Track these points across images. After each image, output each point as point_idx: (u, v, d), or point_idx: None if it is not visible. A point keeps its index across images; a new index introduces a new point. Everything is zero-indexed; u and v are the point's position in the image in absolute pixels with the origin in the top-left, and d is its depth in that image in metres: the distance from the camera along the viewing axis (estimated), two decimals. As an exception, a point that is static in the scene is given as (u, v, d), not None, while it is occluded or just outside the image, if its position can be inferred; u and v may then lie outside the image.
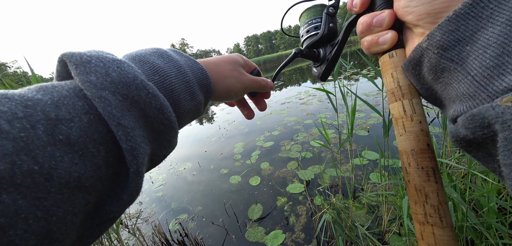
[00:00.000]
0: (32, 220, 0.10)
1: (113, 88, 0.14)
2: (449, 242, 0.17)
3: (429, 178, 0.18)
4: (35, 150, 0.10)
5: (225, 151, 2.53)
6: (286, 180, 1.68)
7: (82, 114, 0.13)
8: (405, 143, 0.19)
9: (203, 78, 0.21)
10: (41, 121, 0.11)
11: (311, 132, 2.43)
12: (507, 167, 0.12)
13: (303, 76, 8.59)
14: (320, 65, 0.30)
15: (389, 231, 1.02)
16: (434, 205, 0.17)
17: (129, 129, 0.14)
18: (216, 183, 1.90)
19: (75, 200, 0.11)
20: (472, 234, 0.67)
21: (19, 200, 0.09)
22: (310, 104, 3.58)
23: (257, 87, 0.28)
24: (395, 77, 0.20)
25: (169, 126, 0.17)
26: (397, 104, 0.20)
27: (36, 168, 0.10)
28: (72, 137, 0.12)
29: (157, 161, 0.18)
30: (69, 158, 0.11)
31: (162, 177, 2.31)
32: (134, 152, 0.14)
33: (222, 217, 1.45)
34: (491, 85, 0.13)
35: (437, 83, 0.17)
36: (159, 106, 0.16)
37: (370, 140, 1.94)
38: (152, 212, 1.74)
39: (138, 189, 0.15)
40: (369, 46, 0.21)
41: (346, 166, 1.65)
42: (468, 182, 0.63)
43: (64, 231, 0.11)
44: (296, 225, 1.24)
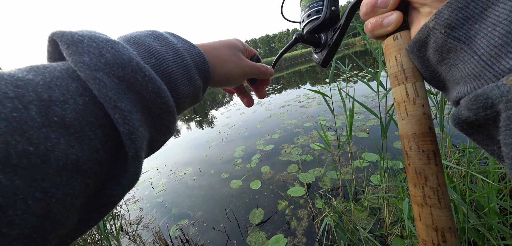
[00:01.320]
0: (31, 201, 0.09)
1: (107, 70, 0.13)
2: (446, 221, 0.17)
3: (430, 161, 0.18)
4: (29, 131, 0.10)
5: (226, 155, 2.53)
6: (286, 184, 1.68)
7: (77, 96, 0.12)
8: (407, 127, 0.19)
9: (201, 62, 0.20)
10: (33, 102, 0.11)
11: (311, 135, 2.43)
12: (508, 146, 0.12)
13: (302, 79, 8.63)
14: (321, 51, 0.29)
15: (391, 234, 1.01)
16: (433, 187, 0.17)
17: (126, 112, 0.13)
18: (217, 188, 1.90)
19: (74, 183, 0.11)
20: (474, 236, 0.67)
21: (16, 181, 0.09)
22: (309, 107, 3.59)
23: (256, 74, 0.27)
24: (399, 60, 0.19)
25: (167, 111, 0.16)
26: (400, 88, 0.19)
27: (31, 149, 0.10)
28: (67, 119, 0.11)
29: (156, 146, 0.18)
30: (65, 140, 0.11)
31: (163, 183, 2.30)
32: (132, 136, 0.13)
33: (223, 222, 1.44)
34: (497, 65, 0.13)
35: (442, 65, 0.16)
36: (157, 90, 0.15)
37: (370, 141, 1.94)
38: (152, 218, 1.73)
39: (137, 173, 0.15)
40: (373, 29, 0.20)
41: (346, 169, 1.65)
42: (467, 183, 0.63)
43: (65, 212, 0.11)
44: (297, 229, 1.23)
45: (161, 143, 0.18)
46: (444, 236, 0.17)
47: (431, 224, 0.18)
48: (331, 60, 0.29)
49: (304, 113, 3.29)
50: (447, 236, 0.17)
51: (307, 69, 12.09)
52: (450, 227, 0.17)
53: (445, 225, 0.17)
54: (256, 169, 2.00)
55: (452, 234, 0.17)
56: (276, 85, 7.98)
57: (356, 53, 13.21)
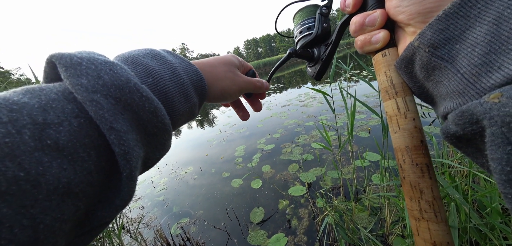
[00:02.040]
0: (17, 229, 0.09)
1: (105, 92, 0.13)
2: (443, 236, 0.17)
3: (424, 174, 0.18)
4: (21, 156, 0.10)
5: (226, 154, 2.53)
6: (287, 183, 1.68)
7: (72, 118, 0.12)
8: (400, 140, 0.19)
9: (198, 80, 0.21)
10: (27, 126, 0.10)
11: (312, 134, 2.43)
12: (494, 161, 0.12)
13: (303, 78, 8.61)
14: (315, 65, 0.30)
15: (392, 233, 1.01)
16: (428, 201, 0.18)
17: (122, 132, 0.13)
18: (218, 187, 1.90)
19: (64, 207, 0.11)
20: (475, 236, 0.67)
21: (3, 208, 0.09)
22: (310, 106, 3.58)
23: (252, 89, 0.28)
24: (388, 75, 0.20)
25: (163, 129, 0.16)
26: (390, 102, 0.20)
27: (22, 174, 0.10)
28: (61, 142, 0.11)
29: (150, 164, 0.18)
30: (57, 163, 0.11)
31: (164, 181, 2.31)
32: (127, 156, 0.13)
33: (224, 221, 1.45)
34: (479, 83, 0.13)
35: (429, 81, 0.17)
36: (153, 110, 0.15)
37: (371, 141, 1.93)
38: (154, 217, 1.73)
39: (131, 193, 0.14)
40: (362, 45, 0.21)
41: (347, 168, 1.64)
42: (469, 182, 0.63)
43: (52, 239, 0.11)
44: (298, 228, 1.23)
45: (155, 160, 0.18)
46: None
47: (429, 239, 0.18)
48: (324, 73, 0.30)
49: (305, 113, 3.29)
50: None
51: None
52: (448, 242, 0.17)
53: (443, 240, 0.17)
54: (257, 168, 2.00)
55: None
56: (277, 85, 7.97)
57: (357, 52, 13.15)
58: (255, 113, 4.15)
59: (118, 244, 1.25)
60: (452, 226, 0.59)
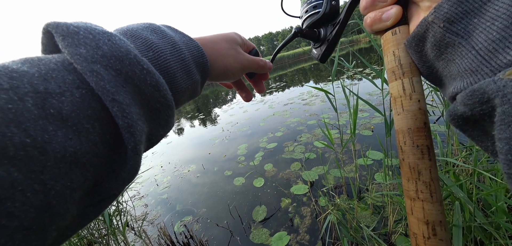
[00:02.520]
0: (30, 193, 0.09)
1: (105, 62, 0.13)
2: (437, 215, 0.18)
3: (423, 156, 0.18)
4: (26, 123, 0.10)
5: (229, 153, 2.55)
6: (290, 181, 1.68)
7: (74, 89, 0.12)
8: (402, 122, 0.19)
9: (200, 56, 0.20)
10: (29, 94, 0.10)
11: (314, 133, 2.42)
12: (502, 141, 0.12)
13: (306, 76, 8.56)
14: (320, 46, 0.29)
15: (395, 232, 1.00)
16: (426, 182, 0.18)
17: (125, 105, 0.13)
18: (220, 185, 1.91)
19: (73, 176, 0.11)
20: (480, 235, 0.66)
21: (14, 173, 0.09)
22: (313, 105, 3.57)
23: (255, 68, 0.27)
24: (397, 55, 0.19)
25: (166, 105, 0.16)
26: (396, 83, 0.19)
27: (28, 141, 0.10)
28: (64, 112, 0.11)
29: (155, 140, 0.17)
30: (62, 132, 0.11)
31: (167, 180, 2.34)
32: (131, 129, 0.13)
33: (227, 219, 1.46)
34: (495, 59, 0.13)
35: (439, 60, 0.16)
36: (155, 84, 0.15)
37: (374, 139, 1.92)
38: (157, 214, 1.76)
39: (137, 167, 0.14)
40: (372, 23, 0.20)
41: (350, 166, 1.64)
42: (474, 181, 0.62)
43: (64, 205, 0.11)
44: (300, 227, 1.23)
45: (160, 137, 0.17)
46: (435, 229, 0.17)
47: (422, 218, 0.18)
48: (330, 55, 0.29)
49: (307, 111, 3.27)
50: (437, 230, 0.17)
51: (310, 67, 11.98)
52: (440, 221, 0.17)
53: (436, 219, 0.17)
54: (259, 167, 2.01)
55: (442, 227, 0.18)
56: (279, 83, 7.94)
57: (360, 50, 13.02)
58: (257, 112, 4.17)
59: (123, 241, 1.27)
60: (456, 225, 0.58)
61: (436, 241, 0.17)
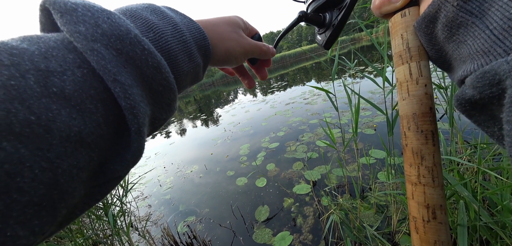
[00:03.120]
0: (38, 170, 0.10)
1: (105, 41, 0.13)
2: (438, 199, 0.18)
3: (427, 141, 0.18)
4: (29, 100, 0.10)
5: (231, 153, 2.55)
6: (292, 181, 1.68)
7: (75, 68, 0.12)
8: (407, 107, 0.19)
9: (201, 38, 0.19)
10: (30, 72, 0.10)
11: (316, 132, 2.41)
12: (510, 123, 0.12)
13: (307, 75, 8.53)
14: (325, 31, 0.28)
15: (399, 232, 1.00)
16: (428, 167, 0.18)
17: (127, 86, 0.13)
18: (223, 185, 1.92)
19: (79, 156, 0.11)
20: (486, 234, 0.65)
21: (21, 149, 0.09)
22: (315, 104, 3.55)
23: (258, 53, 0.26)
24: (405, 38, 0.19)
25: (168, 87, 0.16)
26: (403, 67, 0.19)
27: (33, 118, 0.10)
28: (66, 91, 0.11)
29: (158, 124, 0.17)
30: (66, 112, 0.11)
31: (170, 180, 2.35)
32: (134, 111, 0.13)
33: (229, 219, 1.46)
34: (509, 39, 0.12)
35: (450, 42, 0.16)
36: (157, 65, 0.14)
37: (377, 138, 1.90)
38: (161, 215, 1.77)
39: (141, 149, 0.14)
40: (380, 5, 0.20)
41: (352, 166, 1.63)
42: (479, 180, 0.61)
43: (72, 184, 0.11)
44: (303, 226, 1.23)
45: (162, 120, 0.17)
46: (435, 213, 0.17)
47: (423, 202, 0.18)
48: (334, 41, 0.28)
49: (309, 111, 3.26)
50: (437, 213, 0.17)
51: (312, 66, 11.93)
52: (441, 205, 0.18)
53: (436, 203, 0.18)
54: (262, 167, 2.01)
55: (442, 211, 0.18)
56: (280, 83, 7.93)
57: (362, 47, 12.91)
58: (259, 112, 4.17)
59: (127, 241, 1.29)
60: (461, 225, 0.58)
61: (435, 224, 0.18)
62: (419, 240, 0.18)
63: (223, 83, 26.94)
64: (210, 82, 36.64)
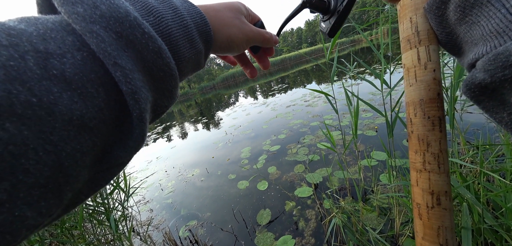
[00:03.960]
0: (42, 153, 0.10)
1: (104, 23, 0.12)
2: (443, 185, 0.17)
3: (434, 127, 0.17)
4: (30, 82, 0.10)
5: (232, 156, 2.55)
6: (294, 184, 1.67)
7: (74, 51, 0.12)
8: (414, 93, 0.18)
9: (203, 24, 0.19)
10: (29, 53, 0.10)
11: (317, 134, 2.41)
12: None
13: (308, 78, 8.54)
14: (330, 18, 0.27)
15: (402, 235, 0.99)
16: (434, 153, 0.17)
17: (128, 70, 0.13)
18: (224, 189, 1.92)
19: (82, 140, 0.11)
20: (491, 237, 0.64)
21: (24, 131, 0.09)
22: (315, 106, 3.55)
23: (260, 40, 0.25)
24: (414, 21, 0.18)
25: (169, 74, 0.15)
26: (411, 52, 0.18)
27: (34, 100, 0.09)
28: (67, 74, 0.11)
29: (160, 111, 0.17)
30: (68, 95, 0.11)
31: (171, 184, 2.35)
32: (135, 96, 0.13)
33: (231, 223, 1.46)
34: None
35: (462, 24, 0.15)
36: (157, 50, 0.14)
37: (378, 140, 1.89)
38: (162, 219, 1.77)
39: (143, 135, 0.14)
40: None
41: (354, 168, 1.62)
42: (481, 181, 0.61)
43: (76, 168, 0.11)
44: (305, 230, 1.22)
45: (164, 108, 0.17)
46: (439, 199, 0.17)
47: (427, 189, 0.18)
48: (339, 29, 0.27)
49: (310, 113, 3.26)
50: (442, 199, 0.17)
51: (312, 68, 11.95)
52: (446, 191, 0.17)
53: (441, 189, 0.17)
54: (263, 170, 2.00)
55: (447, 197, 0.17)
56: (281, 85, 7.94)
57: (362, 49, 12.92)
58: (260, 115, 4.17)
59: (129, 246, 1.28)
60: (465, 227, 0.57)
61: (439, 210, 0.17)
62: (422, 226, 0.18)
63: (224, 86, 27.03)
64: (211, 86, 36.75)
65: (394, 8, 1.00)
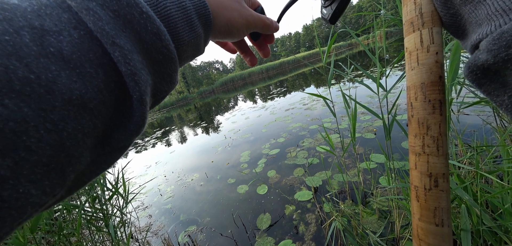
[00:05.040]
0: (43, 131, 0.09)
1: (101, 1, 0.12)
2: (441, 168, 0.17)
3: (435, 110, 0.18)
4: (27, 58, 0.09)
5: (232, 160, 2.55)
6: (293, 188, 1.67)
7: (71, 29, 0.11)
8: (416, 77, 0.18)
9: (202, 6, 0.18)
10: (25, 28, 0.10)
11: (316, 137, 2.41)
12: None
13: (307, 81, 8.60)
14: (331, 4, 0.26)
15: (403, 238, 0.98)
16: (434, 136, 0.17)
17: (127, 51, 0.12)
18: (224, 193, 1.91)
19: (82, 120, 0.11)
20: (491, 239, 0.65)
21: (24, 108, 0.09)
22: (314, 109, 3.57)
23: (260, 26, 0.24)
24: (418, 3, 0.18)
25: (169, 57, 0.15)
26: (414, 35, 0.18)
27: (32, 77, 0.09)
28: (64, 52, 0.11)
29: (160, 96, 0.16)
30: (66, 74, 0.10)
31: (171, 189, 2.34)
32: (135, 77, 0.13)
33: (231, 228, 1.45)
34: None
35: (467, 4, 0.15)
36: (156, 31, 0.14)
37: (377, 142, 1.90)
38: (161, 225, 1.75)
39: (144, 118, 0.14)
40: None
41: (354, 171, 1.62)
42: (478, 182, 0.61)
43: (78, 148, 0.11)
44: (305, 234, 1.22)
45: (164, 92, 0.17)
46: (437, 181, 0.17)
47: (425, 171, 0.18)
48: (341, 14, 0.26)
49: (309, 116, 3.27)
50: (440, 181, 0.17)
51: (311, 71, 12.05)
52: (443, 173, 0.17)
53: (439, 171, 0.17)
54: (262, 174, 2.00)
55: (444, 179, 0.17)
56: (280, 89, 7.98)
57: (360, 52, 13.06)
58: (259, 118, 4.18)
59: (128, 253, 1.27)
60: (464, 229, 0.57)
61: (437, 191, 0.17)
62: (419, 208, 0.18)
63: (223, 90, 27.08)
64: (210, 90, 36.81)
65: (389, 13, 1.02)
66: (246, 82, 26.38)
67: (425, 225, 0.18)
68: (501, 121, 1.05)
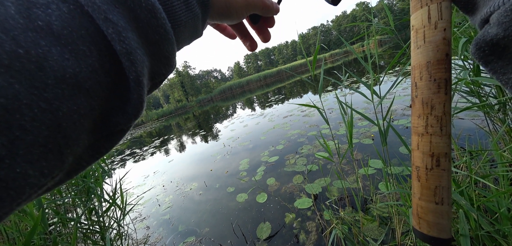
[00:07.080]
0: (37, 110, 0.09)
1: None
2: (443, 147, 0.17)
3: (440, 90, 0.17)
4: (13, 31, 0.09)
5: (231, 169, 2.53)
6: (293, 195, 1.66)
7: (59, 2, 0.10)
8: (422, 56, 0.18)
9: None
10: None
11: (315, 144, 2.42)
12: None
13: (304, 88, 8.70)
14: None
15: (404, 245, 0.98)
16: (438, 116, 0.17)
17: (121, 28, 0.12)
18: (223, 202, 1.88)
19: (78, 101, 0.10)
20: (490, 244, 0.65)
21: (15, 84, 0.08)
22: (312, 116, 3.60)
23: (260, 7, 0.23)
24: None
25: (165, 37, 0.14)
26: (421, 11, 0.18)
27: (21, 51, 0.09)
28: (54, 26, 0.10)
29: (158, 80, 0.16)
30: (57, 50, 0.10)
31: (169, 199, 2.30)
32: (130, 57, 0.12)
33: (231, 238, 1.42)
34: None
35: None
36: (151, 8, 0.13)
37: (375, 148, 1.92)
38: (159, 237, 1.71)
39: (141, 101, 0.14)
40: None
41: (353, 177, 1.62)
42: (472, 187, 0.62)
43: (75, 130, 0.10)
44: (306, 243, 1.20)
45: (162, 76, 0.16)
46: (439, 161, 0.17)
47: (428, 151, 0.18)
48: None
49: (307, 123, 3.29)
50: (441, 161, 0.17)
51: (308, 78, 12.21)
52: (446, 153, 0.17)
53: (441, 151, 0.17)
54: (262, 181, 1.99)
55: (446, 159, 0.17)
56: (278, 96, 8.05)
57: (355, 59, 13.31)
58: (258, 126, 4.19)
59: (124, 267, 1.23)
60: (463, 235, 0.58)
61: (438, 171, 0.17)
62: (420, 187, 0.18)
63: (221, 98, 27.19)
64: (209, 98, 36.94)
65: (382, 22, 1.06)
66: (244, 90, 26.56)
67: (425, 204, 0.18)
68: (494, 125, 1.07)
